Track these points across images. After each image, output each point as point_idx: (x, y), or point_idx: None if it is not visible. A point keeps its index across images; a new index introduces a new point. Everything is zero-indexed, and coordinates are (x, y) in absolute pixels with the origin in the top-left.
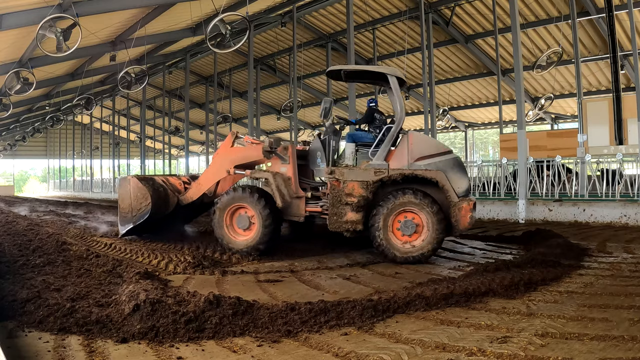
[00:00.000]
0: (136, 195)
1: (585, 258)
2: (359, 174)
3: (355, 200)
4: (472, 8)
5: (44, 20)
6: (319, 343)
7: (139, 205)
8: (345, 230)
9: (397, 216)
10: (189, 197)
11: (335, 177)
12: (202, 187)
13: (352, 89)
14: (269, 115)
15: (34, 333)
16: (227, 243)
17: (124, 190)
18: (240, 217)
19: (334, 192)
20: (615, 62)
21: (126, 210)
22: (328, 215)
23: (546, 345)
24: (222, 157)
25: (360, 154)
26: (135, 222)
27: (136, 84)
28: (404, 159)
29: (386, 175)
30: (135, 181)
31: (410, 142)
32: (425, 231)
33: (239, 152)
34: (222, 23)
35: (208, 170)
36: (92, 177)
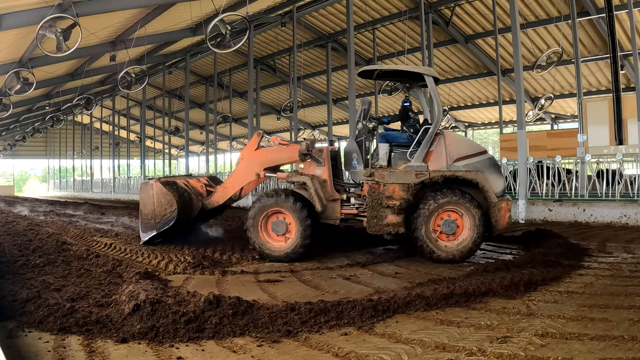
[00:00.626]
0: (160, 201)
1: (585, 258)
2: (400, 177)
3: (397, 203)
4: (472, 8)
5: (44, 20)
6: (319, 343)
7: (163, 212)
8: (387, 233)
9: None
10: (215, 201)
11: (375, 179)
12: (228, 191)
13: (352, 89)
14: (269, 115)
15: (34, 333)
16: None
17: (146, 195)
18: (276, 222)
19: (373, 194)
20: (615, 62)
21: (149, 217)
22: (367, 218)
23: (546, 345)
24: (250, 160)
25: (396, 154)
26: (159, 229)
27: (136, 84)
28: (442, 160)
29: (427, 177)
30: (159, 186)
31: (447, 143)
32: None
33: (269, 154)
34: (222, 23)
35: (235, 174)
36: (92, 177)
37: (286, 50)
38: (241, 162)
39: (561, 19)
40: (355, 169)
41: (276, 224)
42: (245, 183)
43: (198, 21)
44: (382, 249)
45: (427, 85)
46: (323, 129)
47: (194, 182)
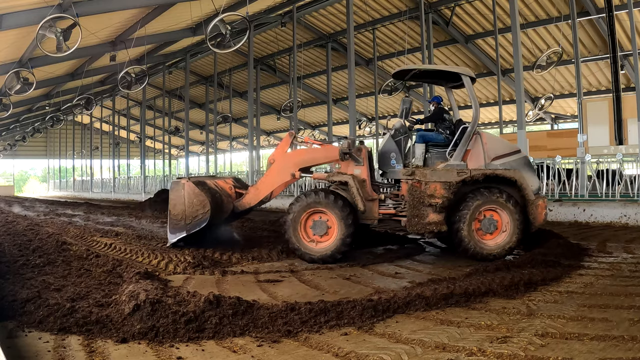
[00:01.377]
0: (191, 201)
1: (585, 258)
2: (442, 175)
3: (439, 202)
4: (472, 8)
5: (44, 20)
6: (319, 343)
7: (194, 213)
8: (429, 231)
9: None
10: (246, 203)
11: (416, 178)
12: (261, 192)
13: (352, 89)
14: (269, 115)
15: (34, 333)
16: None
17: (176, 195)
18: (316, 223)
19: (414, 193)
20: (615, 62)
21: (178, 217)
22: (407, 217)
23: (546, 345)
24: (285, 160)
25: (433, 154)
26: (189, 231)
27: (136, 84)
28: (480, 159)
29: (468, 175)
30: (191, 186)
31: (484, 142)
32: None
33: (305, 154)
34: (222, 23)
35: (268, 175)
36: (92, 177)
37: (286, 50)
38: (275, 163)
39: (561, 19)
40: (394, 168)
41: (316, 225)
42: (280, 184)
43: (198, 21)
44: (382, 249)
45: (465, 85)
46: (323, 129)
47: (221, 183)
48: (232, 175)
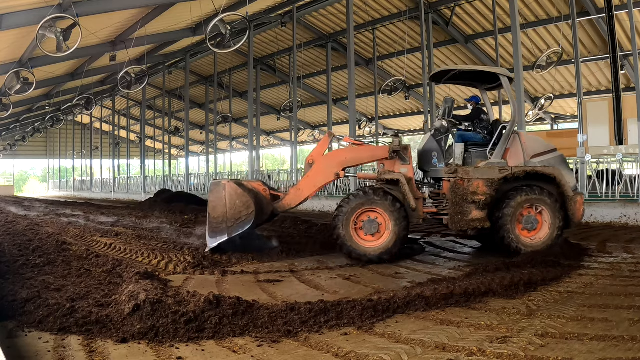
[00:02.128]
0: (234, 202)
1: (585, 258)
2: (485, 172)
3: (482, 199)
4: (472, 8)
5: (44, 20)
6: (319, 343)
7: (237, 215)
8: (472, 228)
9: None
10: (287, 204)
11: (459, 176)
12: (303, 193)
13: (351, 89)
14: (268, 115)
15: (34, 333)
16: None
17: (216, 196)
18: (367, 222)
19: (457, 191)
20: (615, 62)
21: (219, 220)
22: (449, 215)
23: (546, 345)
24: (328, 160)
25: (473, 153)
26: (231, 234)
27: (136, 84)
28: (519, 157)
29: (510, 172)
30: (233, 187)
31: (523, 141)
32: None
33: (349, 154)
34: (222, 23)
35: (311, 175)
36: (92, 177)
37: (286, 50)
38: (317, 163)
39: (561, 19)
40: (436, 167)
41: (367, 224)
42: (323, 184)
43: (198, 21)
44: None
45: (503, 85)
46: (323, 129)
47: (255, 184)
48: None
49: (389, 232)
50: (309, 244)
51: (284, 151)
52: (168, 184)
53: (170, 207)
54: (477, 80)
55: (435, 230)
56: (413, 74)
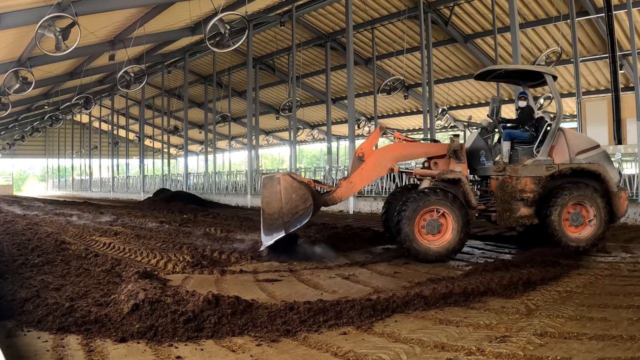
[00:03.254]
0: (290, 196)
1: (584, 258)
2: (532, 170)
3: (530, 195)
4: (471, 8)
5: (43, 20)
6: (318, 342)
7: (294, 209)
8: (520, 225)
9: (567, 209)
10: (338, 197)
11: (507, 174)
12: (355, 186)
13: (350, 89)
14: (267, 115)
15: (33, 332)
16: (418, 249)
17: (271, 191)
18: (430, 221)
19: (506, 188)
20: (614, 62)
21: (275, 216)
22: (497, 212)
23: (545, 344)
24: (382, 154)
25: (519, 150)
26: (288, 230)
27: (135, 84)
28: (564, 154)
29: (557, 170)
30: (288, 180)
31: (568, 138)
32: (592, 221)
33: (404, 149)
34: (221, 22)
35: (364, 168)
36: (91, 176)
37: (285, 49)
38: (371, 157)
39: (560, 19)
40: (484, 165)
41: (430, 223)
42: (376, 177)
43: (197, 20)
44: (380, 249)
45: (547, 83)
46: (322, 129)
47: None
48: (230, 175)
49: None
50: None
51: (282, 150)
52: (167, 184)
53: (169, 207)
54: (520, 78)
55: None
56: (412, 73)
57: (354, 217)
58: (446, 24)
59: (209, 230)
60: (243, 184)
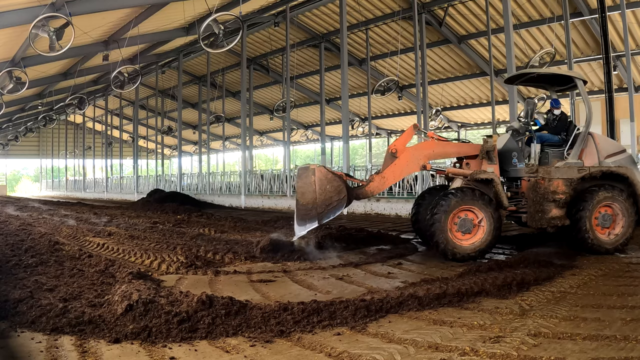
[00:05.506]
0: (324, 187)
1: (578, 258)
2: (564, 172)
3: (562, 197)
4: (465, 8)
5: (36, 20)
6: (312, 343)
7: (328, 200)
8: (551, 226)
9: (596, 211)
10: (370, 191)
11: (540, 175)
12: (387, 181)
13: (344, 89)
14: (262, 115)
15: (27, 333)
16: (452, 248)
17: (305, 182)
18: (462, 221)
19: (538, 190)
20: (607, 63)
21: (309, 206)
22: (529, 213)
23: (539, 345)
24: (415, 151)
25: (549, 153)
26: (321, 220)
27: (129, 84)
28: (594, 157)
29: (587, 172)
30: (323, 171)
31: (597, 142)
32: (620, 223)
33: (437, 148)
34: (215, 23)
35: (397, 164)
36: (85, 177)
37: (279, 50)
38: (404, 153)
39: (554, 20)
40: (516, 167)
41: (462, 222)
42: (408, 174)
43: (191, 21)
44: (374, 249)
45: (578, 87)
46: (316, 129)
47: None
48: (224, 175)
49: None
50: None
51: (276, 151)
52: (161, 184)
53: (163, 207)
54: (549, 83)
55: None
56: (406, 74)
57: (348, 218)
58: (440, 25)
59: (203, 230)
60: (237, 185)
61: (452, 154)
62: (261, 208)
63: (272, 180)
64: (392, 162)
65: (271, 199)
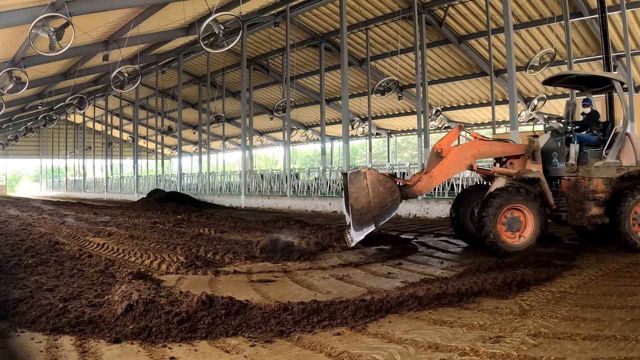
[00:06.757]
0: (377, 190)
1: (578, 258)
2: (604, 172)
3: (602, 196)
4: (465, 8)
5: (36, 20)
6: (312, 343)
7: (382, 202)
8: (591, 224)
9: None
10: (418, 190)
11: (580, 174)
12: (435, 180)
13: (345, 89)
14: (262, 115)
15: (27, 333)
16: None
17: (358, 186)
18: (510, 220)
19: (578, 189)
20: (607, 63)
21: (364, 210)
22: (569, 211)
23: (539, 345)
24: (462, 151)
25: (587, 153)
26: (377, 223)
27: (129, 84)
28: (631, 157)
29: (626, 172)
30: (374, 173)
31: (634, 142)
32: None
33: (482, 147)
34: (215, 23)
35: (445, 164)
36: (85, 176)
37: (279, 50)
38: (451, 153)
39: (554, 20)
40: (556, 166)
41: (511, 221)
42: (455, 173)
43: (191, 21)
44: (374, 249)
45: (615, 89)
46: (316, 129)
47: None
48: (224, 175)
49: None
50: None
51: (276, 151)
52: (161, 184)
53: (163, 207)
54: (586, 84)
55: (428, 230)
56: (406, 74)
57: None
58: (440, 25)
59: (203, 230)
60: (237, 185)
61: (497, 154)
62: (261, 208)
63: (272, 180)
64: (439, 162)
65: (271, 199)
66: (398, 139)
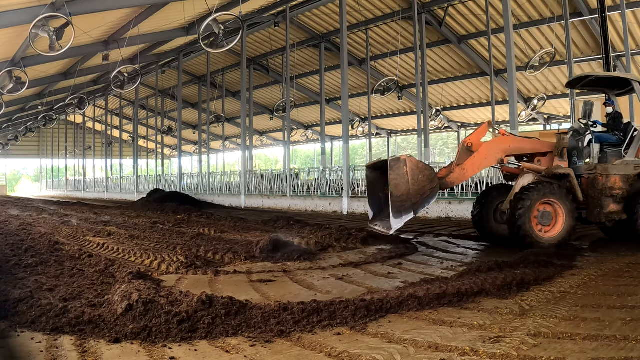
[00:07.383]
0: (416, 177)
1: (578, 258)
2: (622, 169)
3: (620, 193)
4: (465, 8)
5: (36, 20)
6: (312, 343)
7: (421, 190)
8: (609, 220)
9: None
10: (451, 182)
11: (599, 172)
12: (467, 172)
13: (344, 89)
14: (262, 115)
15: (27, 333)
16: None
17: (398, 173)
18: (542, 214)
19: (596, 186)
20: (607, 63)
21: (404, 198)
22: (587, 208)
23: (539, 345)
24: (493, 145)
25: (608, 153)
26: (416, 210)
27: (129, 84)
28: None
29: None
30: (414, 161)
31: None
32: None
33: (512, 143)
34: (215, 23)
35: (476, 157)
36: (85, 176)
37: (279, 50)
38: (482, 147)
39: (554, 20)
40: (576, 164)
41: (542, 215)
42: (486, 167)
43: (191, 21)
44: (374, 249)
45: (635, 91)
46: (316, 129)
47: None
48: (224, 175)
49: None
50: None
51: (276, 151)
52: (161, 184)
53: (163, 207)
54: (608, 86)
55: (428, 230)
56: (406, 74)
57: (348, 218)
58: (440, 25)
59: (203, 230)
60: (237, 185)
61: (527, 150)
62: (261, 208)
63: (272, 180)
64: (469, 156)
65: (271, 199)
66: (398, 139)
